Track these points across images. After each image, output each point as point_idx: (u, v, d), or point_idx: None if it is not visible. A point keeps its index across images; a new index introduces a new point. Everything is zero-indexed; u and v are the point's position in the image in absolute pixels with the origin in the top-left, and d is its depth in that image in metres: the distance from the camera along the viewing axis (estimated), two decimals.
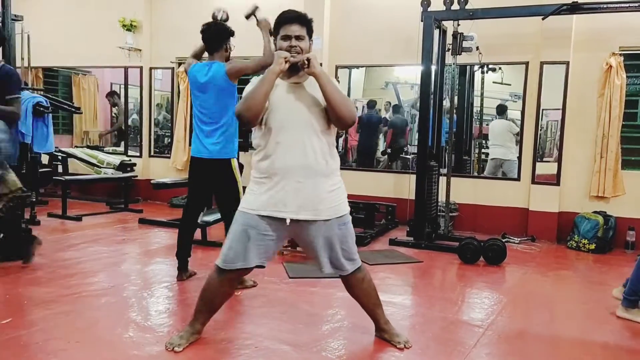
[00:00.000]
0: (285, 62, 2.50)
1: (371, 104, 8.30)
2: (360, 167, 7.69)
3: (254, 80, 2.62)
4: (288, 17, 2.60)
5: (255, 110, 2.49)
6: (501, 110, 7.50)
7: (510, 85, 7.61)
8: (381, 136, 8.35)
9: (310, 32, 2.64)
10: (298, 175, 2.53)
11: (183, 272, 4.01)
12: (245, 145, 7.32)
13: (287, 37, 2.58)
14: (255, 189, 2.62)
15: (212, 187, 3.89)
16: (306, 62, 2.49)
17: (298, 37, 2.58)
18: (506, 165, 6.94)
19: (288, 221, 2.56)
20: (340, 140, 7.56)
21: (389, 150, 8.07)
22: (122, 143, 8.76)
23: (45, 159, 7.75)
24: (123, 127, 8.77)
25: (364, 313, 2.97)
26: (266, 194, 2.57)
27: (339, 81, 7.08)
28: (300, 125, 2.55)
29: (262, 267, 2.74)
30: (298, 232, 2.65)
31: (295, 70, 2.58)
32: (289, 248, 4.83)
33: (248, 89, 2.57)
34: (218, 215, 5.20)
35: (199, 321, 2.82)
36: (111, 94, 9.40)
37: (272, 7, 7.32)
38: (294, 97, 2.58)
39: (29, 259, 4.26)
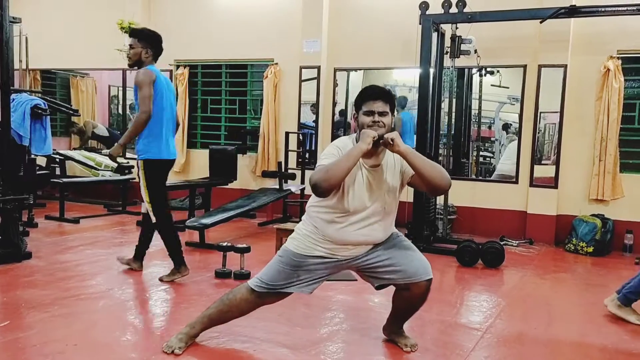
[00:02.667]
0: (373, 140, 2.48)
1: (342, 112, 8.12)
2: None
3: (333, 150, 2.57)
4: (372, 93, 2.61)
5: (334, 183, 2.44)
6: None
7: (508, 88, 7.63)
8: None
9: (392, 108, 2.65)
10: (361, 248, 2.66)
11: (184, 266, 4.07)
12: (244, 148, 7.35)
13: (370, 113, 2.57)
14: (312, 237, 2.66)
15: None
16: (390, 141, 2.47)
17: (381, 114, 2.57)
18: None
19: (344, 257, 2.67)
20: None
21: None
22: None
23: (43, 161, 7.75)
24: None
25: (362, 316, 2.97)
26: (325, 248, 2.65)
27: (337, 84, 7.16)
28: (375, 210, 2.62)
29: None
30: (352, 264, 2.71)
31: (376, 146, 2.55)
32: None
33: (328, 159, 2.50)
34: (216, 218, 5.21)
35: (201, 325, 2.81)
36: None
37: (272, 9, 7.38)
38: (373, 184, 2.61)
39: None
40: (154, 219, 4.02)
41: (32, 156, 5.87)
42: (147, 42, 3.98)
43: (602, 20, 5.60)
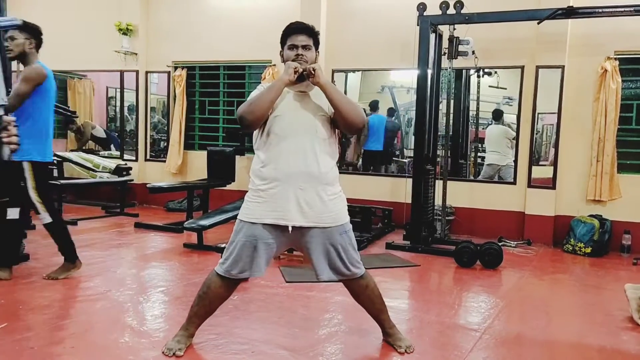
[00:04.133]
0: (295, 72, 2.52)
1: None
2: (356, 171, 7.72)
3: (260, 87, 2.65)
4: (295, 28, 2.66)
5: (258, 115, 2.51)
6: (497, 115, 7.56)
7: (506, 89, 7.64)
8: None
9: (316, 44, 2.68)
10: (300, 181, 2.54)
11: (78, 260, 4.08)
12: (242, 150, 7.34)
13: (293, 47, 2.62)
14: (255, 197, 2.62)
15: None
16: (312, 71, 2.51)
17: (305, 47, 2.62)
18: (503, 171, 7.00)
19: (290, 229, 2.57)
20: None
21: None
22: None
23: None
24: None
25: (361, 317, 2.97)
26: (267, 202, 2.57)
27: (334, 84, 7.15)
28: (304, 132, 2.57)
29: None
30: (298, 239, 2.65)
31: (301, 79, 2.59)
32: (286, 252, 4.82)
33: (254, 93, 2.60)
34: (214, 219, 5.21)
35: (194, 325, 2.81)
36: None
37: (270, 10, 7.39)
38: (299, 105, 2.61)
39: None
40: (49, 219, 3.93)
41: None
42: (29, 33, 3.86)
43: (599, 21, 5.62)
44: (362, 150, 8.16)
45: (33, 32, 3.90)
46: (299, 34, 2.63)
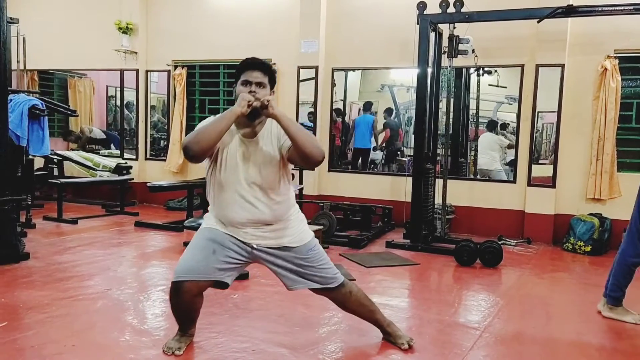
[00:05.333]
0: (248, 105, 2.41)
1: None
2: (356, 170, 7.73)
3: (210, 118, 2.54)
4: (251, 63, 2.54)
5: (204, 145, 2.38)
6: (491, 126, 7.75)
7: (506, 87, 7.65)
8: None
9: (272, 82, 2.57)
10: (249, 226, 2.57)
11: None
12: None
13: (247, 83, 2.50)
14: (215, 218, 2.64)
15: None
16: (266, 102, 2.40)
17: (259, 84, 2.50)
18: (492, 175, 7.13)
19: (255, 245, 2.59)
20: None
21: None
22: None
23: (40, 162, 7.74)
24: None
25: None
26: (227, 228, 2.60)
27: (334, 84, 7.16)
28: (250, 185, 2.53)
29: (225, 286, 2.64)
30: (265, 258, 2.64)
31: (254, 116, 2.50)
32: None
33: (202, 123, 2.50)
34: None
35: (188, 328, 2.82)
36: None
37: (270, 9, 7.38)
38: (245, 155, 2.54)
39: None
40: None
41: (30, 157, 5.86)
42: None
43: (599, 20, 5.61)
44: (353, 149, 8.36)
45: None
46: (253, 69, 2.51)
